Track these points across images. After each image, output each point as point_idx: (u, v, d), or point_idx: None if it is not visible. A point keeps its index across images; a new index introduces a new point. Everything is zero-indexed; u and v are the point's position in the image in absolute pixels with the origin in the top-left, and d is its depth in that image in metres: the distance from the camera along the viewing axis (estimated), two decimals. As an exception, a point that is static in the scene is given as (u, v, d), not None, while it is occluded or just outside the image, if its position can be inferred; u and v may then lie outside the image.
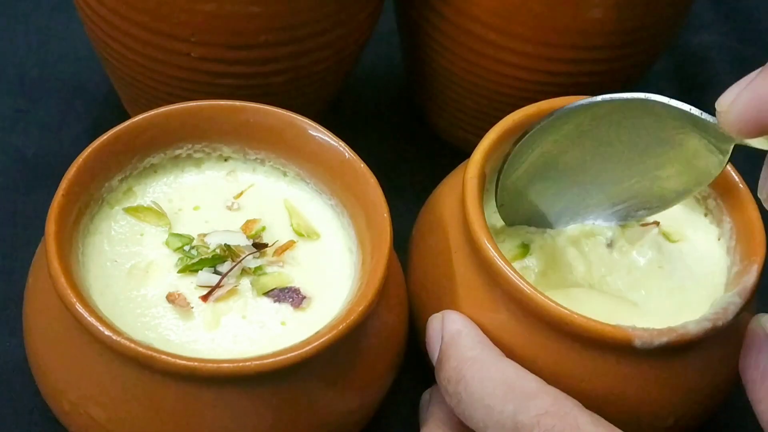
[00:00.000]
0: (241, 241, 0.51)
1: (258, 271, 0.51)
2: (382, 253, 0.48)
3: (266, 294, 0.50)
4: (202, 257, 0.50)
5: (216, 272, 0.50)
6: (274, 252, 0.52)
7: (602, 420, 0.46)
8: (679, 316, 0.50)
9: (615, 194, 0.54)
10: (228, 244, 0.51)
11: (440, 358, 0.49)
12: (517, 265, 0.54)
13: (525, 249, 0.55)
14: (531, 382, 0.47)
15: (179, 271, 0.50)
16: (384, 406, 0.53)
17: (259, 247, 0.51)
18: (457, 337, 0.49)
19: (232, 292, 0.50)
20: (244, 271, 0.51)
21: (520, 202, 0.54)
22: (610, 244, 0.55)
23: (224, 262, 0.50)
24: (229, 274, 0.50)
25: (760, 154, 0.47)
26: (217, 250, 0.51)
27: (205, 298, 0.49)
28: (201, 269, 0.50)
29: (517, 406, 0.45)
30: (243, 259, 0.50)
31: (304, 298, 0.50)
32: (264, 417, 0.46)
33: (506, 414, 0.45)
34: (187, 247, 0.51)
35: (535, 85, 0.62)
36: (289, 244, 0.52)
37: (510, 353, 0.50)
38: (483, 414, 0.46)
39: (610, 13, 0.59)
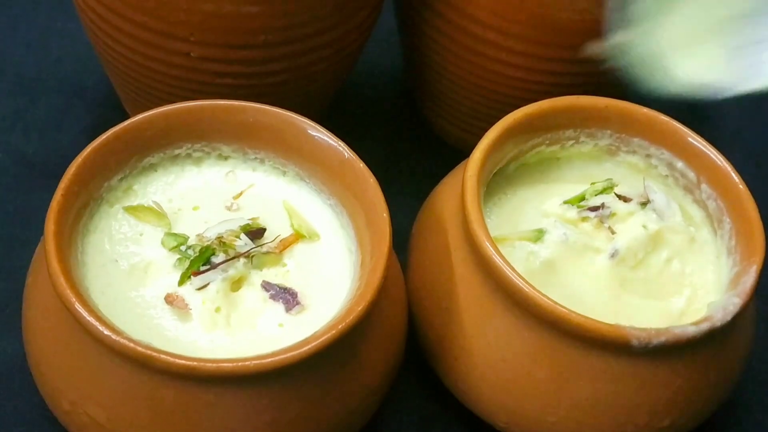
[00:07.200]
0: (233, 225, 0.51)
1: (257, 270, 0.51)
2: (382, 253, 0.48)
3: (265, 294, 0.50)
4: (196, 256, 0.50)
5: (210, 263, 0.49)
6: (277, 245, 0.51)
7: None
8: None
9: None
10: (221, 234, 0.50)
11: None
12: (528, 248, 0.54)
13: (539, 233, 0.55)
14: None
15: (179, 284, 0.49)
16: (384, 406, 0.53)
17: (255, 235, 0.51)
18: None
19: (232, 291, 0.50)
20: (244, 271, 0.50)
21: None
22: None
23: (219, 254, 0.50)
24: (228, 272, 0.50)
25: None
26: (212, 243, 0.50)
27: (201, 290, 0.49)
28: (197, 268, 0.49)
29: None
30: (242, 255, 0.50)
31: (303, 298, 0.50)
32: (264, 417, 0.46)
33: None
34: (183, 247, 0.51)
35: (535, 85, 0.62)
36: (294, 238, 0.52)
37: (509, 352, 0.50)
38: None
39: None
